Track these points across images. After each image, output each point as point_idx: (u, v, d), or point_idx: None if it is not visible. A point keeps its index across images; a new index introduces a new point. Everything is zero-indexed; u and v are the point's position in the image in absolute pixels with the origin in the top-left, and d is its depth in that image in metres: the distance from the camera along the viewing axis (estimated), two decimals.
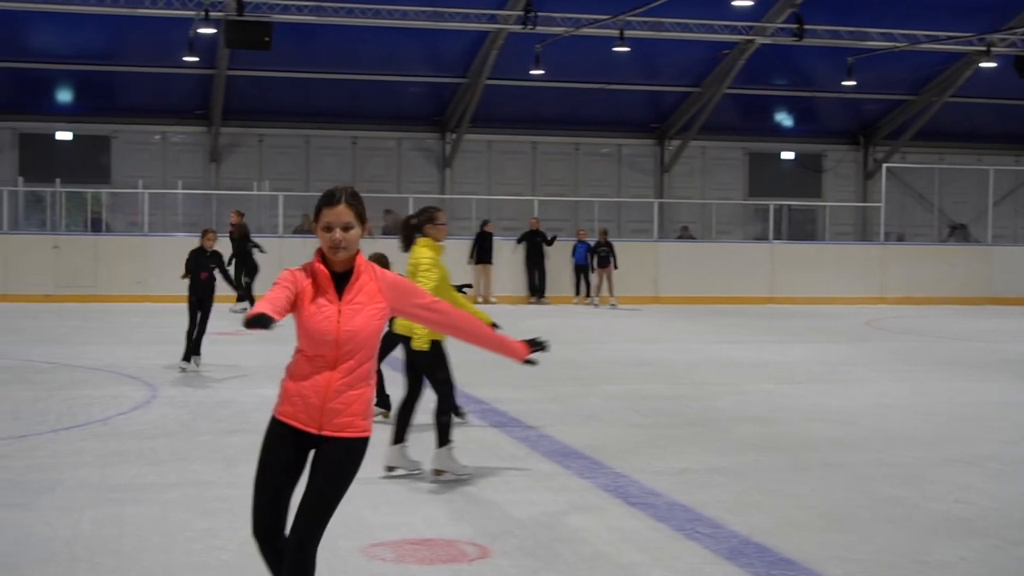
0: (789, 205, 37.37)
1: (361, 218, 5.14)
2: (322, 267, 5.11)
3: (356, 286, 5.09)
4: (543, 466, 9.84)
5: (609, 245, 29.66)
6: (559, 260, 30.55)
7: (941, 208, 38.56)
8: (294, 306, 5.07)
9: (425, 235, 9.33)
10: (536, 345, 5.78)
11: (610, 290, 29.44)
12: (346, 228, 5.06)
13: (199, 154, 35.29)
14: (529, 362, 5.78)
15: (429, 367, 9.26)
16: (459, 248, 30.01)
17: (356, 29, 30.88)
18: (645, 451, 10.56)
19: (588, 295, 30.25)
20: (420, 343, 9.06)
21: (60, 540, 7.39)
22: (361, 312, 5.06)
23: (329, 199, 5.13)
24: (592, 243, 30.12)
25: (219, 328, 18.06)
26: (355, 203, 5.12)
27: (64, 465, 9.60)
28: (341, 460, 5.09)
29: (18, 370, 15.50)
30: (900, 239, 36.99)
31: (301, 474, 5.19)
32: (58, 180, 31.28)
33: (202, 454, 10.14)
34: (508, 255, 30.43)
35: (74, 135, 34.48)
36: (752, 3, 29.11)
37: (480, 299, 29.53)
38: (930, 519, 8.29)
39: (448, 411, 9.28)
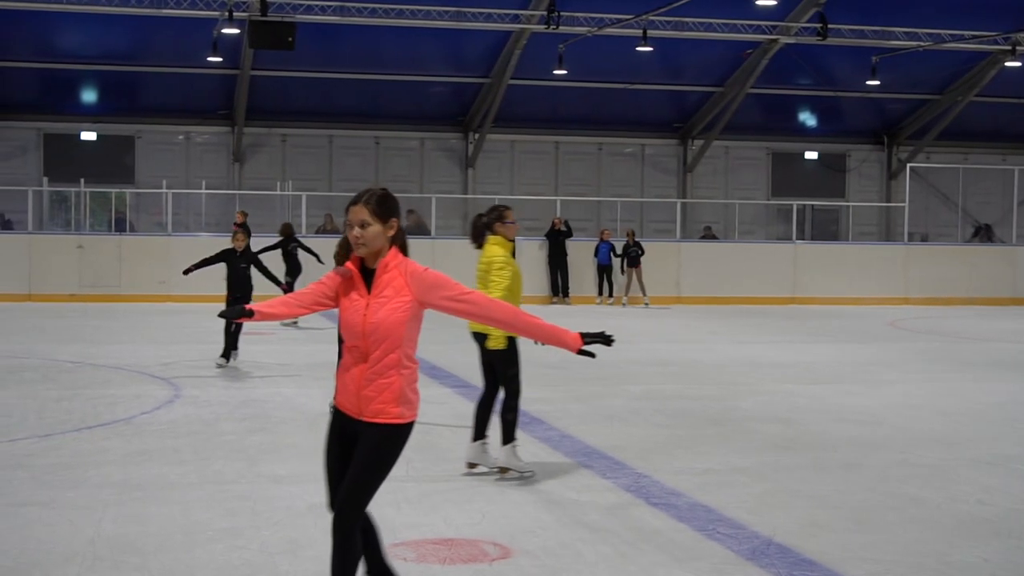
0: (812, 205, 37.29)
1: (380, 216, 5.45)
2: (352, 265, 5.53)
3: (383, 281, 5.43)
4: (564, 466, 9.83)
5: (638, 245, 29.74)
6: (581, 260, 30.53)
7: (965, 208, 38.39)
8: (336, 302, 5.53)
9: (495, 233, 9.43)
10: (597, 337, 5.60)
11: (642, 290, 29.49)
12: (363, 225, 5.42)
13: (222, 154, 35.40)
14: (585, 353, 5.62)
15: (502, 363, 9.29)
16: None
17: (379, 29, 30.91)
18: (667, 451, 10.55)
19: (611, 295, 30.24)
20: (497, 343, 9.11)
21: (83, 538, 7.42)
22: (386, 305, 5.38)
23: (352, 199, 5.50)
24: (614, 242, 30.18)
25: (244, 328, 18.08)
26: (372, 203, 5.45)
27: (87, 464, 9.64)
28: (375, 445, 5.41)
29: (43, 369, 15.57)
30: (924, 239, 36.85)
31: None
32: (82, 180, 31.43)
33: (224, 453, 10.16)
34: (534, 253, 30.38)
35: (98, 135, 34.63)
36: (776, 3, 29.01)
37: None
38: (953, 520, 8.25)
39: (514, 409, 9.32)
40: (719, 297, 30.60)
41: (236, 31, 28.99)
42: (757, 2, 28.54)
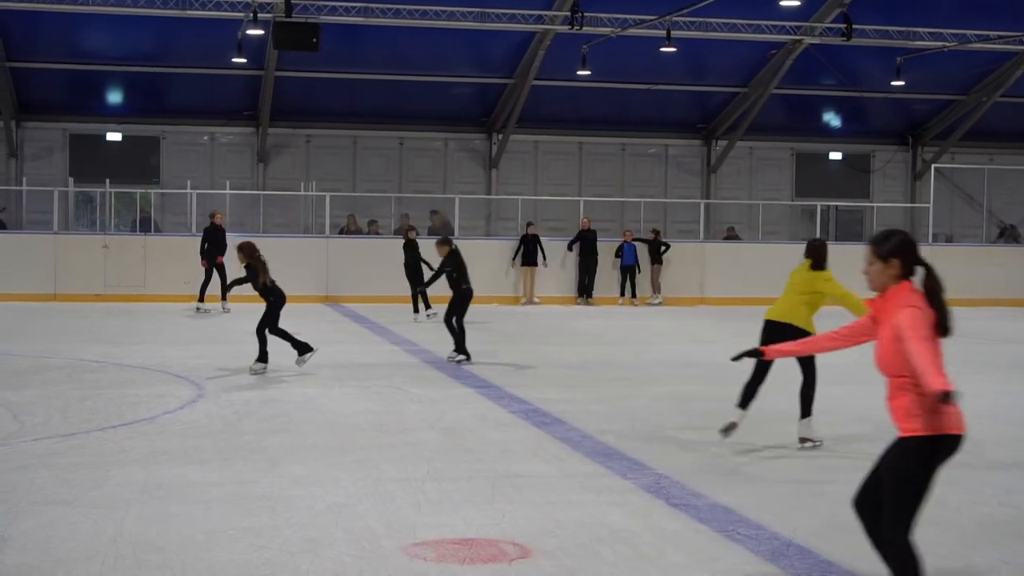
0: (837, 206, 37.18)
1: (880, 255, 5.95)
2: (870, 301, 6.20)
3: (883, 316, 6.03)
4: (585, 467, 9.84)
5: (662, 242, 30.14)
6: (604, 260, 30.46)
7: (990, 209, 38.19)
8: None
9: None
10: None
11: (657, 288, 29.54)
12: (868, 263, 6.00)
13: (247, 155, 35.49)
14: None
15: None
16: (504, 249, 30.06)
17: (403, 30, 30.96)
18: (688, 452, 10.55)
19: (633, 296, 30.22)
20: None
21: (105, 537, 7.47)
22: (880, 338, 6.08)
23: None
24: (642, 241, 30.40)
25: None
26: (875, 242, 5.99)
27: (110, 463, 9.70)
28: (892, 455, 6.04)
29: (68, 369, 15.66)
30: (949, 240, 36.70)
31: None
32: (108, 180, 31.55)
33: (245, 453, 10.21)
34: (562, 255, 30.30)
35: (124, 136, 34.78)
36: (800, 3, 28.93)
37: (524, 301, 29.56)
38: (973, 522, 8.24)
39: (812, 387, 11.10)
40: (743, 298, 30.48)
41: (260, 32, 29.07)
42: (781, 2, 28.48)
